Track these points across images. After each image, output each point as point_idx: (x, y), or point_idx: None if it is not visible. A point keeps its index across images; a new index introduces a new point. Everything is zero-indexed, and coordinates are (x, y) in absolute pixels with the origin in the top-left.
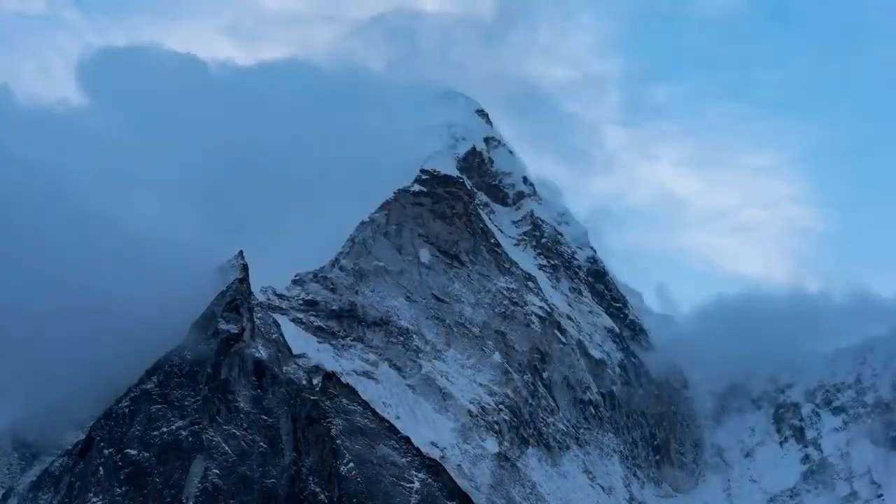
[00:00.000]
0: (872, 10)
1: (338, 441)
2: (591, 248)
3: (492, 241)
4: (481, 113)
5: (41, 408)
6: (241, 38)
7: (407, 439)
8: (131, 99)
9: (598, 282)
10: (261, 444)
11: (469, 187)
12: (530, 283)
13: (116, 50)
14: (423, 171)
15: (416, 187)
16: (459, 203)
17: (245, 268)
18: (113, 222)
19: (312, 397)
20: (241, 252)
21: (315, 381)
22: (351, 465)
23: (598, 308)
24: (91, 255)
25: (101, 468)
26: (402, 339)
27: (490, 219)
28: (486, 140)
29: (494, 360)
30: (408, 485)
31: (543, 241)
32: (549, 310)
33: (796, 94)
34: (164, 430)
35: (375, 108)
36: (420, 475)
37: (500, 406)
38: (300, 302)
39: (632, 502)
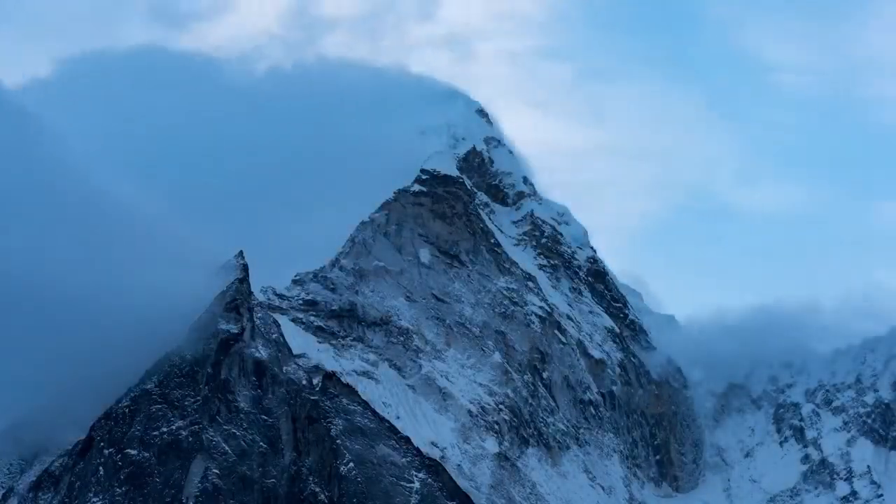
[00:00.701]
0: None
1: (338, 441)
2: (591, 248)
3: (492, 241)
4: (481, 113)
5: (41, 408)
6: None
7: (407, 439)
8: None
9: (598, 282)
10: (261, 444)
11: (469, 187)
12: (530, 283)
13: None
14: (423, 171)
15: (416, 187)
16: (459, 203)
17: (245, 268)
18: (112, 222)
19: (312, 397)
20: (241, 252)
21: (315, 381)
22: (351, 465)
23: (598, 308)
24: (91, 254)
25: (101, 468)
26: (402, 339)
27: (490, 219)
28: (486, 140)
29: (494, 360)
30: (408, 485)
31: (543, 241)
32: (549, 310)
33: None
34: (164, 430)
35: (375, 107)
36: (420, 475)
37: (500, 406)
38: (300, 302)
39: (632, 502)
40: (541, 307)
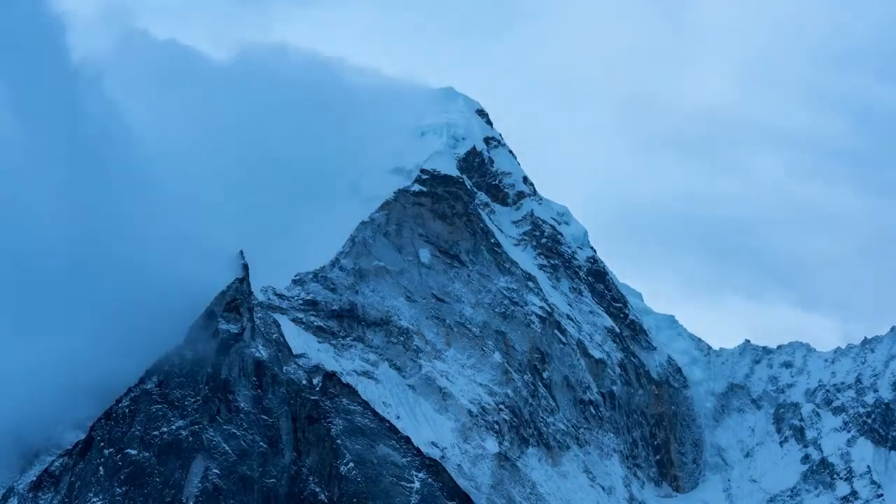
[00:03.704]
0: None
1: (338, 441)
2: (591, 248)
3: (492, 241)
4: (481, 113)
5: (41, 408)
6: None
7: (407, 439)
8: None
9: (598, 282)
10: (261, 444)
11: (469, 187)
12: (530, 283)
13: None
14: (423, 171)
15: (416, 187)
16: (459, 203)
17: (245, 268)
18: (112, 222)
19: (312, 397)
20: (241, 252)
21: (315, 381)
22: (351, 465)
23: (598, 308)
24: (91, 254)
25: (101, 468)
26: (402, 339)
27: (490, 219)
28: (486, 140)
29: (494, 360)
30: (408, 485)
31: (543, 241)
32: (549, 310)
33: None
34: (164, 430)
35: (375, 107)
36: (420, 475)
37: (500, 406)
38: (300, 302)
39: (632, 502)
40: (541, 307)
